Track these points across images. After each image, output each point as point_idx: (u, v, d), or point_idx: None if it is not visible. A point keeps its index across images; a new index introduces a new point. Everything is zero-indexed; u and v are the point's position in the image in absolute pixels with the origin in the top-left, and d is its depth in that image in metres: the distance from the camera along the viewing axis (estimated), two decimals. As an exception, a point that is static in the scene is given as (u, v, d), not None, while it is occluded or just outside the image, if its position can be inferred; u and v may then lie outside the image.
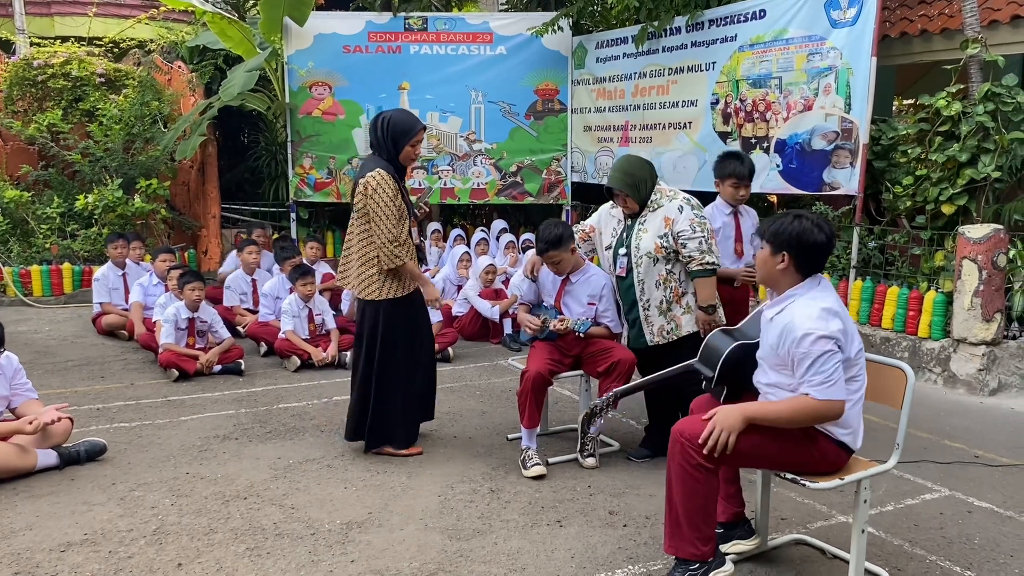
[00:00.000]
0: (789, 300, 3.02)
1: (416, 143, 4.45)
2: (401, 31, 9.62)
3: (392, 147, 4.42)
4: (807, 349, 2.86)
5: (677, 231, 4.27)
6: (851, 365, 2.95)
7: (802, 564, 3.39)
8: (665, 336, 4.39)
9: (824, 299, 2.95)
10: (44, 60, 9.99)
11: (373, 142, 4.52)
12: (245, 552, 3.43)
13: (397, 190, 4.35)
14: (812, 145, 7.06)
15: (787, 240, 2.99)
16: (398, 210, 4.34)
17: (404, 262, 4.38)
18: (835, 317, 2.89)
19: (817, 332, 2.85)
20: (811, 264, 3.01)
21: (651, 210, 4.38)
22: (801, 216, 3.02)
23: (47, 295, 9.07)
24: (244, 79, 9.07)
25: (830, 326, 2.87)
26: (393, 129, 4.41)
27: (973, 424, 5.28)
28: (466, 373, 6.46)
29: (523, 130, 9.77)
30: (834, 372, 2.86)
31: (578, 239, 4.67)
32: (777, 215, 3.12)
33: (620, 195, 4.41)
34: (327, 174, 9.85)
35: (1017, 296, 5.98)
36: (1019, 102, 6.19)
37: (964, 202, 6.39)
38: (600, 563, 3.36)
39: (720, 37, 7.89)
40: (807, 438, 2.97)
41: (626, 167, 4.41)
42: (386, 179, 4.32)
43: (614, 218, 4.60)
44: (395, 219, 4.32)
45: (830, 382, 2.85)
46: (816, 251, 2.99)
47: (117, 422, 5.12)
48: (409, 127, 4.42)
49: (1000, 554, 3.49)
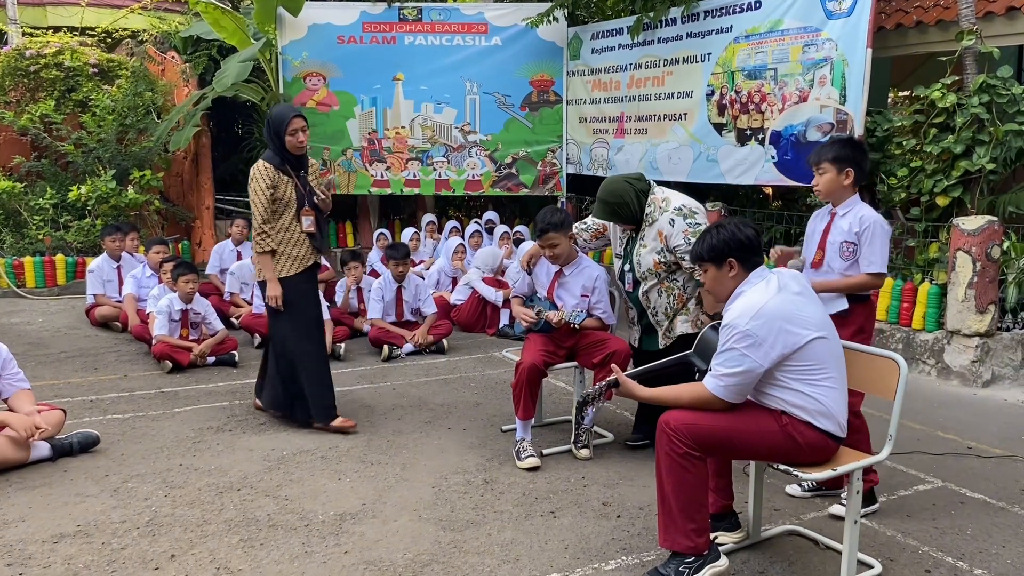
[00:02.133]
0: (736, 296, 3.08)
1: (293, 131, 4.67)
2: (396, 21, 9.58)
3: (277, 139, 4.70)
4: (724, 337, 2.97)
5: (673, 246, 4.20)
6: (808, 357, 2.94)
7: (795, 555, 3.40)
8: (669, 337, 4.39)
9: (764, 293, 2.98)
10: (37, 50, 9.93)
11: (265, 139, 4.88)
12: (239, 543, 3.43)
13: (275, 180, 4.66)
14: (807, 137, 7.05)
15: (726, 249, 3.07)
16: (269, 200, 4.65)
17: (265, 250, 4.69)
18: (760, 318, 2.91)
19: (736, 325, 2.93)
20: (753, 259, 3.08)
21: (648, 224, 4.30)
22: (718, 226, 3.13)
23: (40, 286, 9.04)
24: (238, 69, 9.02)
25: (750, 326, 2.90)
26: (273, 123, 4.71)
27: (966, 415, 5.29)
28: (461, 365, 6.45)
29: (518, 121, 9.75)
30: (731, 371, 2.92)
31: (590, 236, 4.73)
32: (697, 240, 3.20)
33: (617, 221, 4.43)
34: (321, 165, 9.81)
35: (1011, 288, 5.99)
36: (1014, 94, 6.20)
37: (959, 194, 6.40)
38: (594, 554, 3.37)
39: (715, 28, 7.86)
40: (781, 429, 2.97)
41: (604, 196, 4.34)
42: (261, 170, 4.65)
43: (619, 227, 4.54)
44: (264, 208, 4.64)
45: (724, 378, 2.94)
46: (751, 244, 3.07)
47: (110, 413, 5.10)
48: (283, 118, 4.69)
49: (992, 544, 3.50)
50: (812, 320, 2.97)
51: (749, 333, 2.90)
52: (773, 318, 2.91)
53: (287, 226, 4.73)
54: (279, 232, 4.72)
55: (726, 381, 2.95)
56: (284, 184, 4.70)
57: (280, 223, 4.72)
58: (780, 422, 2.98)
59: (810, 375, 2.95)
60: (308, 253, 4.82)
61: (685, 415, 3.00)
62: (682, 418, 2.98)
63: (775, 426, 2.98)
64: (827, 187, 3.74)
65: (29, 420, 4.16)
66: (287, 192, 4.71)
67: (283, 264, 4.76)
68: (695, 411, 3.02)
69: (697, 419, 2.98)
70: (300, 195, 4.76)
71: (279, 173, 4.69)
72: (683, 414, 3.01)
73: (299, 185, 4.77)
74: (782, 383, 2.98)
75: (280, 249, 4.73)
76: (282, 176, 4.70)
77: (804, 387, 2.96)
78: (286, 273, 4.76)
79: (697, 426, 2.96)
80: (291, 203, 4.72)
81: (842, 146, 3.71)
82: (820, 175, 3.74)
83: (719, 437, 2.97)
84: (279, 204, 4.70)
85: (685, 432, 2.94)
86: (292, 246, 4.76)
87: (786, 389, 2.98)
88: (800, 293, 3.02)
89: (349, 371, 6.20)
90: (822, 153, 3.74)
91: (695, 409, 3.02)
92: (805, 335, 2.94)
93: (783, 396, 2.98)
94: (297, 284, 4.79)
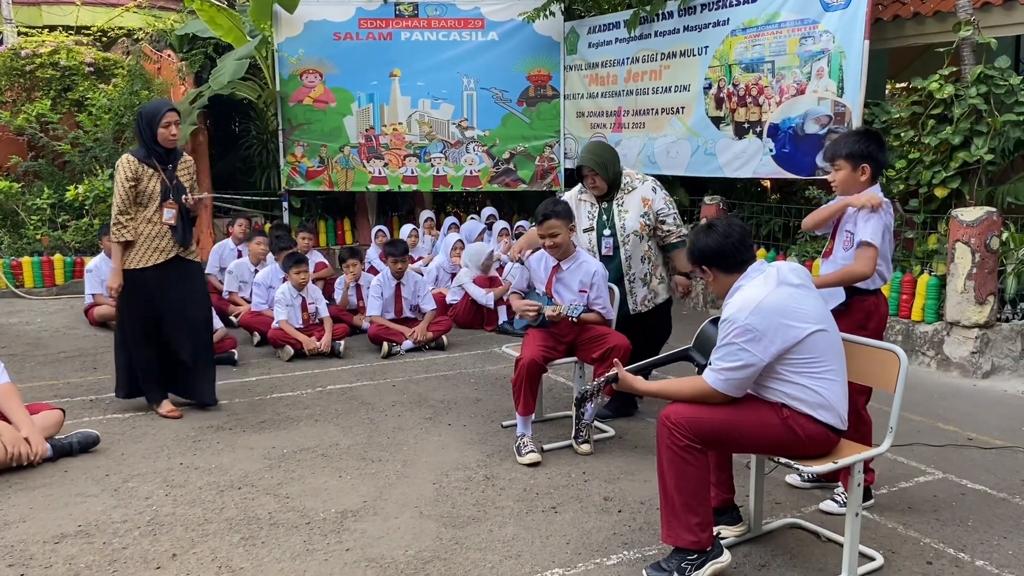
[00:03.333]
0: (735, 290, 3.08)
1: (167, 124, 4.83)
2: (392, 17, 9.57)
3: (148, 131, 4.86)
4: (723, 331, 2.98)
5: (657, 210, 4.81)
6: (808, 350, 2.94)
7: (797, 548, 3.40)
8: (647, 304, 4.92)
9: (762, 287, 2.98)
10: (32, 50, 9.90)
11: (135, 133, 5.00)
12: (240, 542, 3.42)
13: (138, 173, 4.83)
14: (805, 129, 7.04)
15: (702, 259, 3.14)
16: (129, 192, 4.81)
17: (120, 240, 4.83)
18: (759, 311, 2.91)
19: (736, 320, 2.93)
20: (731, 264, 3.09)
21: (626, 192, 4.82)
22: (698, 233, 3.17)
23: (38, 286, 9.03)
24: (234, 67, 9.01)
25: (749, 320, 2.90)
26: (146, 115, 4.89)
27: (966, 407, 5.29)
28: (460, 361, 6.45)
29: (516, 117, 9.74)
30: (731, 365, 2.92)
31: None
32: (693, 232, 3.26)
33: (590, 175, 4.77)
34: (319, 163, 9.81)
35: (1010, 279, 5.99)
36: (1012, 84, 6.19)
37: (957, 185, 6.39)
38: (595, 549, 3.37)
39: (712, 21, 7.86)
40: (781, 422, 2.97)
41: (593, 148, 4.85)
42: (124, 163, 4.82)
43: (585, 203, 4.91)
44: (123, 199, 4.81)
45: (723, 372, 2.94)
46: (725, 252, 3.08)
47: (110, 413, 5.10)
48: (157, 110, 4.87)
49: (994, 535, 3.50)
50: (811, 313, 2.97)
51: (748, 328, 2.89)
52: (772, 313, 2.91)
53: (150, 217, 4.88)
54: (142, 223, 4.86)
55: (726, 376, 2.94)
56: (148, 177, 4.86)
57: (143, 214, 4.87)
58: (781, 415, 2.98)
59: (810, 368, 2.95)
60: (171, 245, 4.94)
61: (685, 409, 2.99)
62: (682, 411, 2.98)
63: (776, 419, 2.98)
64: (843, 184, 3.64)
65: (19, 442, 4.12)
66: (151, 184, 4.86)
67: (144, 255, 4.89)
68: (695, 404, 3.02)
69: (697, 412, 2.98)
70: (165, 188, 4.90)
71: (143, 166, 4.85)
72: (683, 408, 3.00)
73: (165, 179, 4.90)
74: (782, 376, 2.97)
75: (141, 240, 4.87)
76: (146, 168, 4.86)
77: (804, 380, 2.96)
78: (145, 263, 4.88)
79: (698, 419, 2.95)
80: (155, 195, 4.88)
81: (856, 140, 3.60)
82: (836, 171, 3.64)
83: (720, 430, 2.97)
84: (143, 196, 4.86)
85: (686, 425, 2.94)
86: (155, 237, 4.89)
87: (786, 382, 2.97)
88: (799, 286, 3.02)
89: (349, 368, 6.20)
90: (837, 148, 3.63)
91: (695, 403, 3.02)
92: (805, 328, 2.93)
93: (783, 389, 2.98)
94: (155, 274, 4.91)
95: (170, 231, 4.92)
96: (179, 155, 5.04)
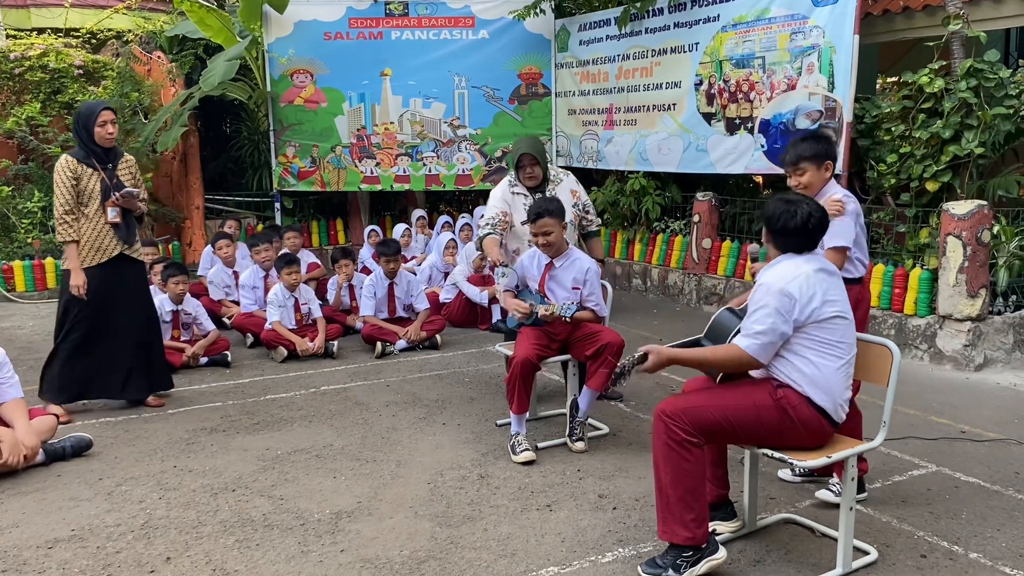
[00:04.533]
0: (774, 264, 3.13)
1: (103, 123, 4.89)
2: (382, 16, 9.55)
3: (85, 132, 4.92)
4: (759, 296, 3.01)
5: (583, 201, 5.12)
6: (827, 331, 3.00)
7: (792, 543, 3.41)
8: None
9: (803, 265, 3.03)
10: (21, 52, 9.84)
11: (72, 134, 5.07)
12: (234, 544, 3.42)
13: (78, 173, 4.88)
14: (796, 124, 7.05)
15: (767, 219, 3.16)
16: (70, 192, 4.85)
17: (66, 239, 4.88)
18: (797, 280, 2.98)
19: (773, 285, 2.98)
20: (784, 245, 3.12)
21: (556, 184, 5.02)
22: (785, 200, 3.13)
23: (30, 290, 8.99)
24: (224, 68, 8.97)
25: (787, 286, 2.96)
26: (82, 116, 4.94)
27: (959, 400, 5.31)
28: (454, 360, 6.44)
29: (507, 115, 9.73)
30: (765, 327, 2.96)
31: (499, 229, 4.93)
32: (774, 198, 3.22)
33: (530, 164, 4.90)
34: (310, 163, 9.78)
35: (1001, 271, 6.01)
36: (1001, 78, 6.20)
37: (948, 179, 6.40)
38: (590, 546, 3.37)
39: (703, 17, 7.86)
40: (775, 403, 3.00)
41: (528, 140, 5.11)
42: (63, 163, 4.87)
43: (520, 196, 4.98)
44: (64, 199, 4.85)
45: (756, 336, 2.98)
46: (788, 233, 3.09)
47: (102, 416, 5.08)
48: (91, 110, 4.93)
49: (987, 528, 3.51)
50: (839, 301, 3.04)
51: (785, 292, 2.96)
52: (810, 285, 2.98)
53: (92, 217, 4.92)
54: (84, 223, 4.90)
55: (760, 340, 2.98)
56: (88, 176, 4.91)
57: (85, 214, 4.91)
58: (775, 395, 3.00)
59: (823, 348, 3.00)
60: (114, 244, 4.98)
61: (679, 401, 3.03)
62: (677, 403, 3.01)
63: (769, 400, 3.00)
64: (811, 184, 3.73)
65: (19, 447, 4.13)
66: (91, 184, 4.91)
67: (87, 254, 4.92)
68: (687, 396, 3.07)
69: (691, 402, 3.01)
70: (106, 187, 4.94)
71: (82, 166, 4.90)
72: (677, 400, 3.04)
73: (105, 177, 4.95)
74: (793, 349, 3.02)
75: (84, 239, 4.91)
76: (86, 168, 4.91)
77: (812, 356, 3.00)
78: (89, 263, 4.92)
79: (692, 408, 2.97)
80: (95, 195, 4.92)
81: (816, 142, 3.74)
82: (799, 175, 3.73)
83: (715, 416, 2.98)
84: (84, 196, 4.90)
85: (683, 416, 2.95)
86: (97, 237, 4.94)
87: (795, 355, 3.01)
88: (834, 274, 3.11)
89: (343, 368, 6.19)
90: (800, 152, 3.74)
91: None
92: (832, 308, 3.00)
93: (790, 361, 3.02)
94: (100, 273, 4.95)
95: (113, 230, 4.96)
96: (119, 154, 5.11)
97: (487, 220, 4.95)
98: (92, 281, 4.93)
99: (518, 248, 4.95)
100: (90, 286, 4.92)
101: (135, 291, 5.15)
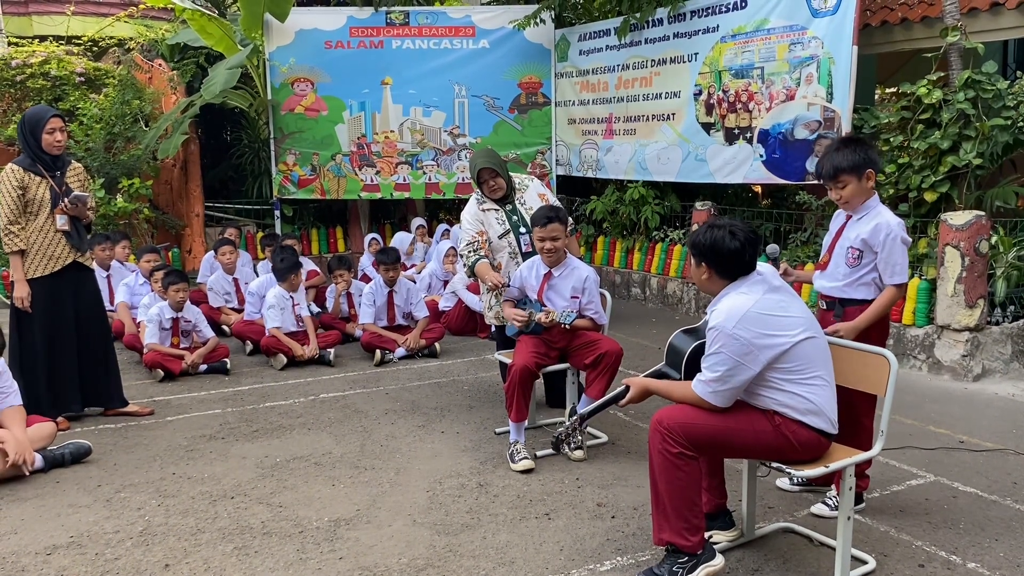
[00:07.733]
0: (721, 297, 3.07)
1: (51, 130, 4.84)
2: (383, 26, 9.58)
3: (33, 140, 4.86)
4: (711, 338, 2.96)
5: (553, 203, 4.97)
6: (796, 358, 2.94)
7: (790, 552, 3.41)
8: None
9: (747, 298, 2.96)
10: (23, 60, 9.88)
11: (19, 142, 5.00)
12: (233, 551, 3.42)
13: (24, 182, 4.81)
14: (795, 135, 7.08)
15: (703, 252, 3.07)
16: (16, 201, 4.79)
17: (12, 250, 4.80)
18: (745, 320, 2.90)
19: (723, 328, 2.92)
20: (730, 270, 3.04)
21: (523, 191, 5.03)
22: (714, 226, 3.07)
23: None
24: (226, 76, 9.00)
25: (736, 329, 2.89)
26: (29, 122, 4.88)
27: (957, 410, 5.31)
28: (453, 368, 6.45)
29: (507, 124, 9.76)
30: (720, 374, 2.92)
31: (483, 252, 4.85)
32: (698, 228, 3.17)
33: (491, 177, 4.89)
34: (311, 171, 9.80)
35: (999, 282, 6.02)
36: (999, 89, 6.23)
37: (946, 189, 6.42)
38: (589, 555, 3.37)
39: (702, 28, 7.89)
40: (774, 429, 2.98)
41: (484, 153, 5.07)
42: (8, 172, 4.80)
43: (491, 212, 4.95)
44: (10, 209, 4.78)
45: (711, 383, 2.95)
46: (731, 258, 3.01)
47: (102, 423, 5.08)
48: (40, 117, 4.87)
49: (985, 538, 3.52)
50: (797, 320, 2.97)
51: (736, 337, 2.89)
52: (759, 324, 2.91)
53: (42, 226, 4.87)
54: (34, 232, 4.85)
55: (714, 387, 2.95)
56: (36, 185, 4.85)
57: (35, 223, 4.85)
58: (773, 422, 2.99)
59: (798, 375, 2.96)
60: (66, 252, 4.94)
61: (678, 414, 3.00)
62: (676, 417, 2.99)
63: (768, 426, 2.99)
64: (852, 197, 3.57)
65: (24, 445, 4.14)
66: (40, 192, 4.85)
67: (39, 263, 4.88)
68: (689, 409, 3.02)
69: (691, 418, 2.99)
70: (55, 195, 4.90)
71: (29, 174, 4.84)
72: (676, 412, 3.01)
73: (54, 185, 4.91)
74: (772, 384, 2.98)
75: (35, 249, 4.86)
76: (33, 177, 4.85)
77: (794, 387, 2.96)
78: (42, 272, 4.88)
79: (690, 425, 2.96)
80: (44, 203, 4.87)
81: (853, 151, 3.53)
82: (839, 188, 3.56)
83: (713, 436, 2.98)
84: (32, 204, 4.85)
85: (679, 431, 2.95)
86: (48, 245, 4.89)
87: (777, 390, 2.98)
88: (780, 288, 3.04)
89: (341, 376, 6.19)
90: (838, 164, 3.54)
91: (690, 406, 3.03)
92: (792, 336, 2.93)
93: (774, 396, 2.99)
94: (52, 283, 4.91)
95: (64, 238, 4.93)
96: (67, 162, 5.07)
97: (467, 246, 4.87)
98: (45, 289, 4.88)
99: (500, 263, 4.92)
100: (44, 294, 4.88)
101: (89, 298, 5.11)
